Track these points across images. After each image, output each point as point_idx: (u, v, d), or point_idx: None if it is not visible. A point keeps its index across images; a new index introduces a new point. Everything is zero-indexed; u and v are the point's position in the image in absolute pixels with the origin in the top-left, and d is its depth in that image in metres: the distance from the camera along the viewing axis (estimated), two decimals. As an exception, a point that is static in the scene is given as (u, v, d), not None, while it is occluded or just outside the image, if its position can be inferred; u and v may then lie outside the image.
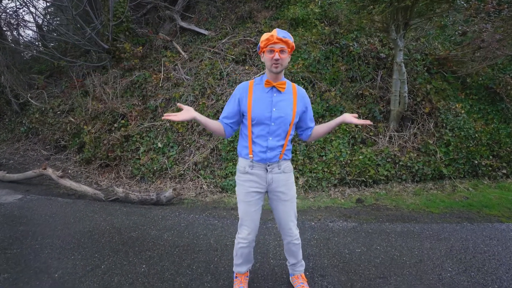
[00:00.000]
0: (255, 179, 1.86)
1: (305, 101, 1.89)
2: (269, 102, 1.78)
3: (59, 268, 2.39)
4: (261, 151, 1.81)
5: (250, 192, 1.87)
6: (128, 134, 5.65)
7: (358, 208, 3.71)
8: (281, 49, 1.67)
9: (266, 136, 1.80)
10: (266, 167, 1.84)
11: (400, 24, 4.30)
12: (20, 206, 3.79)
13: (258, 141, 1.81)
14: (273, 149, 1.82)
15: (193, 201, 4.27)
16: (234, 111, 1.84)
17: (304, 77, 5.61)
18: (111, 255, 2.57)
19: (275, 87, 1.78)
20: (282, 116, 1.78)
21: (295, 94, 1.83)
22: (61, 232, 3.03)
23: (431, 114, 4.96)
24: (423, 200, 3.87)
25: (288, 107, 1.79)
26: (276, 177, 1.86)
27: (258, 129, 1.80)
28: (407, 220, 3.17)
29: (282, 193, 1.89)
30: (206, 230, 3.01)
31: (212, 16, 7.88)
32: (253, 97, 1.79)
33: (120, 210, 3.64)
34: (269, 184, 1.87)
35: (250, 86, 1.83)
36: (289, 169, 1.94)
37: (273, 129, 1.79)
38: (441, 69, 5.39)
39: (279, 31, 1.68)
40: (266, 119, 1.77)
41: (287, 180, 1.91)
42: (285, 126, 1.80)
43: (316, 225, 3.07)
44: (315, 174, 4.55)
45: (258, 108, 1.77)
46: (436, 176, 4.46)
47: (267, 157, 1.81)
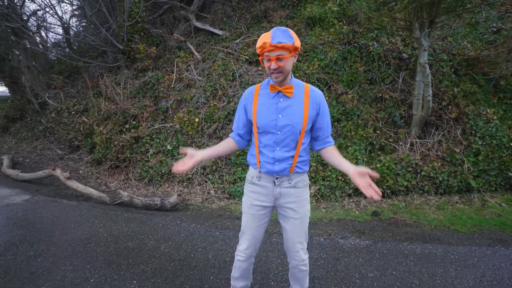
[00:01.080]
0: (261, 191, 1.67)
1: (319, 102, 1.59)
2: (275, 109, 1.56)
3: (48, 279, 2.28)
4: (268, 162, 1.61)
5: (254, 205, 1.69)
6: (138, 136, 5.59)
7: (374, 222, 3.39)
8: (277, 56, 1.43)
9: (273, 146, 1.59)
10: (274, 180, 1.63)
11: (425, 21, 3.93)
12: (25, 208, 3.76)
13: (265, 151, 1.62)
14: (282, 161, 1.59)
15: (198, 207, 4.11)
16: (244, 121, 1.69)
17: (319, 78, 5.32)
18: (103, 267, 2.43)
19: (281, 92, 1.56)
20: (289, 124, 1.55)
21: (307, 97, 1.57)
22: (58, 238, 2.93)
23: (458, 120, 4.53)
24: (447, 215, 3.50)
25: (297, 113, 1.55)
26: (285, 191, 1.64)
27: (265, 138, 1.60)
28: (428, 240, 2.83)
29: (291, 210, 1.65)
30: (205, 243, 2.82)
31: (227, 16, 7.74)
32: (258, 103, 1.60)
33: (122, 215, 3.52)
34: (276, 199, 1.67)
35: (256, 91, 1.64)
36: (303, 184, 1.68)
37: (280, 138, 1.57)
38: (470, 70, 4.93)
39: (274, 35, 1.43)
40: (271, 127, 1.57)
41: (299, 196, 1.66)
42: (294, 135, 1.57)
43: (325, 242, 2.80)
44: (328, 182, 4.27)
45: (263, 115, 1.58)
46: (463, 188, 4.05)
47: (275, 170, 1.60)
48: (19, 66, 7.73)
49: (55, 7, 8.25)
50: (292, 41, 1.44)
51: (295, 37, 1.46)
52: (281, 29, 1.46)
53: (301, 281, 1.80)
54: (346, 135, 4.65)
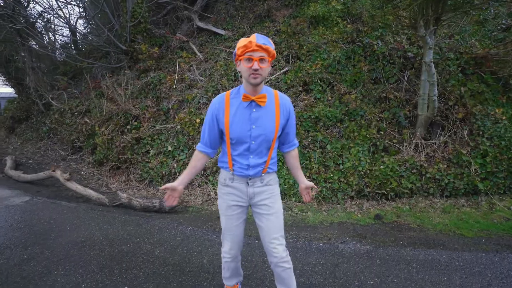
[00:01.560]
0: (235, 192, 1.71)
1: (289, 110, 1.65)
2: (248, 119, 1.57)
3: (38, 284, 2.23)
4: (242, 168, 1.65)
5: (231, 206, 1.73)
6: (140, 137, 5.56)
7: (376, 226, 3.29)
8: (260, 57, 1.44)
9: (247, 155, 1.63)
10: (247, 181, 1.69)
11: (430, 19, 3.81)
12: (24, 210, 3.75)
13: (238, 159, 1.65)
14: (256, 167, 1.65)
15: (198, 209, 4.05)
16: (215, 132, 1.65)
17: (322, 78, 5.23)
18: (96, 272, 2.38)
19: (254, 101, 1.55)
20: (263, 134, 1.59)
21: (277, 105, 1.61)
22: (53, 241, 2.90)
23: (465, 120, 4.39)
24: (453, 219, 3.37)
25: (270, 122, 1.59)
26: (258, 190, 1.70)
27: (238, 147, 1.62)
28: (432, 245, 2.72)
29: (265, 206, 1.70)
30: (201, 247, 2.75)
31: (230, 16, 7.68)
32: (230, 113, 1.58)
33: (119, 218, 3.48)
34: (250, 198, 1.72)
35: (226, 99, 1.60)
36: (274, 181, 1.76)
37: (254, 147, 1.61)
38: (478, 69, 4.78)
39: (258, 37, 1.46)
40: (245, 137, 1.59)
41: (272, 192, 1.73)
42: (267, 143, 1.62)
43: (324, 247, 2.71)
44: (330, 184, 4.17)
45: (236, 126, 1.57)
46: (470, 191, 3.91)
47: (249, 174, 1.66)
48: (24, 67, 7.78)
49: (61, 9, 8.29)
50: (273, 47, 1.50)
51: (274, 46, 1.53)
52: (263, 35, 1.50)
53: (287, 282, 1.73)
54: (349, 136, 4.55)
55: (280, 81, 5.51)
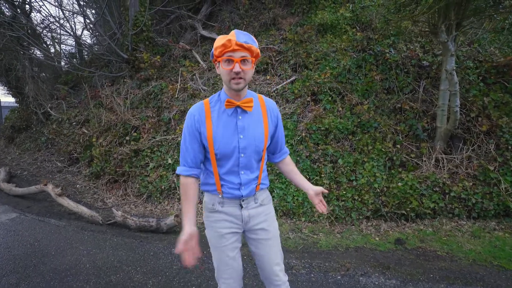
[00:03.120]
0: (227, 218, 1.43)
1: (276, 116, 1.45)
2: (234, 129, 1.34)
3: (8, 326, 1.90)
4: (233, 188, 1.40)
5: (224, 235, 1.43)
6: (139, 148, 5.26)
7: (399, 252, 2.91)
8: (242, 58, 1.22)
9: (237, 171, 1.39)
10: (240, 203, 1.43)
11: (453, 23, 3.51)
12: (8, 229, 3.43)
13: (228, 178, 1.39)
14: (248, 184, 1.41)
15: (199, 228, 3.69)
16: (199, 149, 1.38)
17: (332, 88, 4.92)
18: (76, 310, 2.03)
19: (240, 107, 1.33)
20: (252, 144, 1.36)
21: (264, 110, 1.40)
22: (33, 269, 2.56)
23: (490, 133, 4.04)
24: (486, 245, 2.98)
25: (259, 130, 1.38)
26: (253, 212, 1.45)
27: (225, 164, 1.37)
28: (469, 281, 2.33)
29: (263, 230, 1.47)
30: (201, 279, 2.40)
31: (235, 24, 7.48)
32: (212, 124, 1.33)
33: (111, 240, 3.14)
34: (245, 223, 1.45)
35: (206, 108, 1.35)
36: (268, 200, 1.53)
37: (244, 161, 1.37)
38: (500, 78, 4.45)
39: (238, 34, 1.23)
40: (233, 151, 1.34)
41: (268, 213, 1.50)
42: (257, 155, 1.40)
43: (343, 281, 2.34)
44: (343, 202, 3.81)
45: (220, 138, 1.33)
46: (501, 212, 3.52)
47: (242, 194, 1.40)
48: (23, 76, 7.61)
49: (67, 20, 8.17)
50: (256, 45, 1.28)
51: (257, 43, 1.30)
52: (244, 32, 1.27)
53: None
54: (362, 149, 4.21)
55: (287, 91, 5.22)
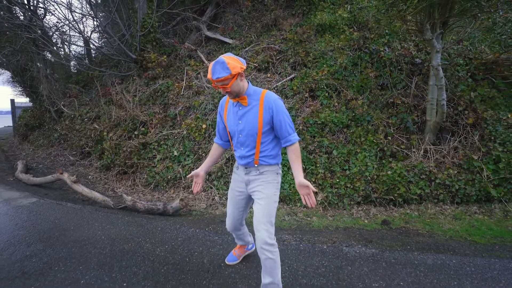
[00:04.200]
0: (238, 178, 2.04)
1: (271, 107, 1.78)
2: (235, 116, 1.86)
3: (38, 279, 2.22)
4: (238, 157, 1.97)
5: (232, 189, 2.08)
6: (146, 142, 5.61)
7: (383, 231, 3.18)
8: (222, 86, 1.70)
9: (238, 146, 1.92)
10: (244, 169, 1.96)
11: (437, 22, 3.78)
12: (31, 210, 3.79)
13: (236, 149, 1.97)
14: (245, 158, 1.90)
15: (202, 213, 4.01)
16: (222, 126, 2.03)
17: (328, 84, 5.22)
18: (95, 268, 2.35)
19: (239, 102, 1.83)
20: (246, 128, 1.83)
21: (261, 103, 1.80)
22: (56, 239, 2.90)
23: (475, 125, 4.29)
24: (464, 226, 3.24)
25: (253, 118, 1.81)
26: (252, 178, 1.92)
27: (234, 140, 1.94)
28: (442, 250, 2.60)
29: (257, 192, 1.89)
30: (202, 247, 2.70)
31: (238, 25, 7.82)
32: (227, 111, 1.93)
33: (123, 219, 3.47)
34: (246, 185, 1.97)
35: (227, 100, 1.96)
36: (270, 173, 1.90)
37: (242, 140, 1.88)
38: (488, 74, 4.70)
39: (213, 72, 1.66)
40: (235, 131, 1.88)
41: (265, 179, 1.89)
42: (252, 137, 1.84)
43: (328, 250, 2.62)
44: (336, 189, 4.09)
45: (229, 121, 1.91)
46: (482, 198, 3.77)
47: (242, 163, 1.93)
48: (38, 76, 8.04)
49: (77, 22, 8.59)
50: (229, 72, 1.64)
51: (232, 66, 1.65)
52: (219, 61, 1.66)
53: (270, 271, 1.80)
54: (355, 141, 4.48)
55: (286, 88, 5.53)
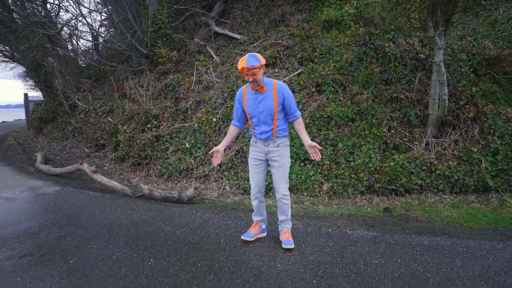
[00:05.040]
0: (257, 149, 2.62)
1: (283, 92, 2.46)
2: (255, 101, 2.50)
3: (75, 255, 2.51)
4: (258, 134, 2.56)
5: (253, 158, 2.65)
6: (159, 134, 5.88)
7: (385, 217, 3.41)
8: (252, 73, 2.34)
9: (259, 124, 2.54)
10: (264, 142, 2.56)
11: (439, 20, 3.94)
12: (56, 197, 4.09)
13: (255, 127, 2.58)
14: (265, 133, 2.52)
15: (214, 201, 4.28)
16: (240, 111, 2.65)
17: (334, 79, 5.41)
18: (124, 247, 2.63)
19: (258, 90, 2.48)
20: (266, 110, 2.47)
21: (274, 89, 2.46)
22: (84, 222, 3.19)
23: (476, 119, 4.46)
24: (461, 213, 3.46)
25: (270, 102, 2.46)
26: (271, 149, 2.54)
27: (253, 120, 2.57)
28: (438, 234, 2.83)
29: (275, 161, 2.55)
30: (218, 230, 2.97)
31: (246, 21, 7.99)
32: (246, 98, 2.56)
33: (142, 205, 3.76)
34: (266, 154, 2.58)
35: (244, 90, 2.59)
36: (284, 144, 2.57)
37: (262, 119, 2.51)
38: (491, 70, 4.84)
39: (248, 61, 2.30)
40: (256, 113, 2.52)
41: (281, 152, 2.54)
42: (270, 116, 2.48)
43: (333, 232, 2.87)
44: (341, 180, 4.32)
45: (250, 106, 2.54)
46: (480, 188, 3.97)
47: (263, 137, 2.54)
48: (52, 71, 8.33)
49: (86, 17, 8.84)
50: (260, 62, 2.33)
51: (261, 58, 2.35)
52: (252, 55, 2.36)
53: (285, 211, 2.65)
54: (360, 134, 4.69)
55: (293, 82, 5.72)
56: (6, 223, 3.20)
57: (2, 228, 3.08)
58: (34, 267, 2.34)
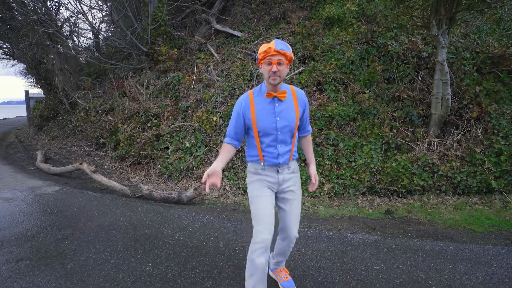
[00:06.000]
0: (267, 179, 1.85)
1: (304, 101, 1.89)
2: (272, 113, 1.77)
3: (73, 259, 2.48)
4: (272, 157, 1.82)
5: (263, 187, 1.84)
6: (159, 134, 5.84)
7: (386, 220, 3.38)
8: (278, 61, 1.65)
9: (275, 145, 1.81)
10: (277, 169, 1.85)
11: (443, 18, 3.87)
12: (56, 197, 4.07)
13: (268, 150, 1.81)
14: (284, 154, 1.83)
15: (214, 202, 4.25)
16: (241, 127, 1.83)
17: (336, 78, 5.34)
18: (122, 251, 2.61)
19: (276, 97, 1.77)
20: (287, 125, 1.79)
21: (295, 98, 1.83)
22: (83, 224, 3.17)
23: (479, 119, 4.39)
24: (464, 215, 3.41)
25: (291, 113, 1.81)
26: (287, 177, 1.88)
27: (267, 139, 1.80)
28: (440, 238, 2.79)
29: (292, 192, 1.89)
30: (217, 233, 2.94)
31: (247, 18, 7.91)
32: (255, 109, 1.78)
33: (141, 207, 3.73)
34: (280, 185, 1.87)
35: (250, 98, 1.80)
36: (297, 169, 1.97)
37: (281, 137, 1.80)
38: (495, 68, 4.76)
39: (277, 43, 1.65)
40: (272, 129, 1.78)
41: (297, 179, 1.94)
42: (290, 133, 1.83)
43: (334, 236, 2.84)
44: (342, 180, 4.27)
45: (263, 120, 1.77)
46: (483, 189, 3.92)
47: (279, 162, 1.82)
48: (53, 69, 8.29)
49: (86, 14, 8.77)
50: (290, 51, 1.69)
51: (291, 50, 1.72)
52: (281, 40, 1.71)
53: (287, 253, 2.04)
54: (361, 134, 4.64)
55: (294, 81, 5.66)
56: (5, 225, 3.19)
57: (0, 230, 3.07)
58: (31, 272, 2.31)
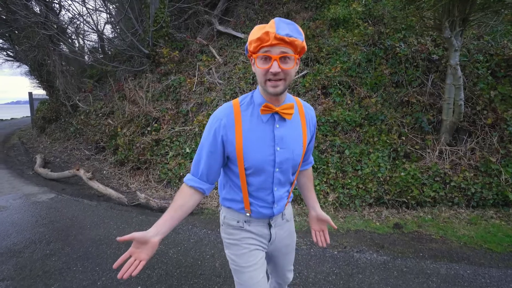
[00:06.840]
0: (254, 237, 1.25)
1: (314, 125, 1.26)
2: (270, 139, 1.10)
3: (58, 279, 2.32)
4: (264, 207, 1.21)
5: (252, 251, 1.22)
6: (159, 138, 5.69)
7: (395, 235, 3.16)
8: (282, 55, 0.96)
9: (271, 188, 1.18)
10: (269, 222, 1.27)
11: (456, 19, 3.63)
12: (49, 206, 3.93)
13: (259, 195, 1.19)
14: (280, 200, 1.23)
15: (213, 211, 4.07)
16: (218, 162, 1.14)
17: (341, 81, 5.13)
18: (111, 270, 2.44)
19: (278, 114, 1.09)
20: (291, 158, 1.14)
21: (303, 116, 1.19)
22: (74, 238, 3.01)
23: (494, 126, 4.15)
24: (480, 231, 3.18)
25: (298, 140, 1.16)
26: (280, 230, 1.31)
27: (258, 180, 1.15)
28: (455, 259, 2.57)
29: (286, 246, 1.36)
30: (214, 250, 2.76)
31: (250, 19, 7.73)
32: (243, 131, 1.08)
33: (136, 218, 3.57)
34: (272, 242, 1.30)
35: (236, 112, 1.10)
36: (291, 215, 1.39)
37: (279, 176, 1.16)
38: (510, 71, 4.50)
39: (279, 24, 0.95)
40: (267, 164, 1.12)
41: (290, 228, 1.37)
42: (293, 169, 1.20)
43: (339, 256, 2.63)
44: (348, 190, 4.06)
45: (253, 150, 1.09)
46: (500, 202, 3.67)
47: (274, 212, 1.23)
48: (54, 71, 8.20)
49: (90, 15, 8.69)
50: (302, 38, 0.98)
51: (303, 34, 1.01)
52: (286, 21, 0.98)
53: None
54: (368, 141, 4.42)
55: (298, 85, 5.46)
56: (-7, 237, 3.05)
57: (-13, 244, 2.93)
58: (12, 293, 2.16)
